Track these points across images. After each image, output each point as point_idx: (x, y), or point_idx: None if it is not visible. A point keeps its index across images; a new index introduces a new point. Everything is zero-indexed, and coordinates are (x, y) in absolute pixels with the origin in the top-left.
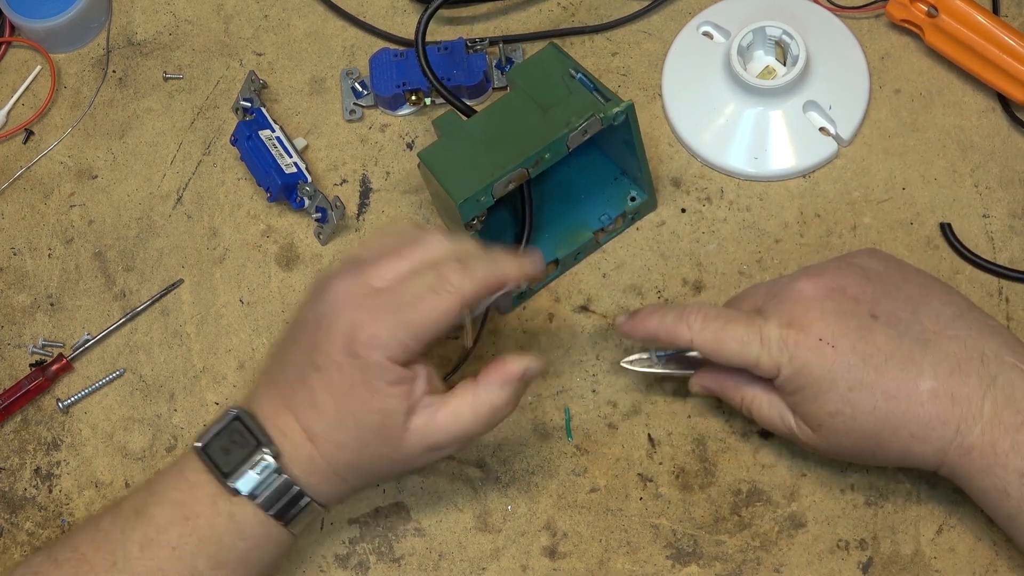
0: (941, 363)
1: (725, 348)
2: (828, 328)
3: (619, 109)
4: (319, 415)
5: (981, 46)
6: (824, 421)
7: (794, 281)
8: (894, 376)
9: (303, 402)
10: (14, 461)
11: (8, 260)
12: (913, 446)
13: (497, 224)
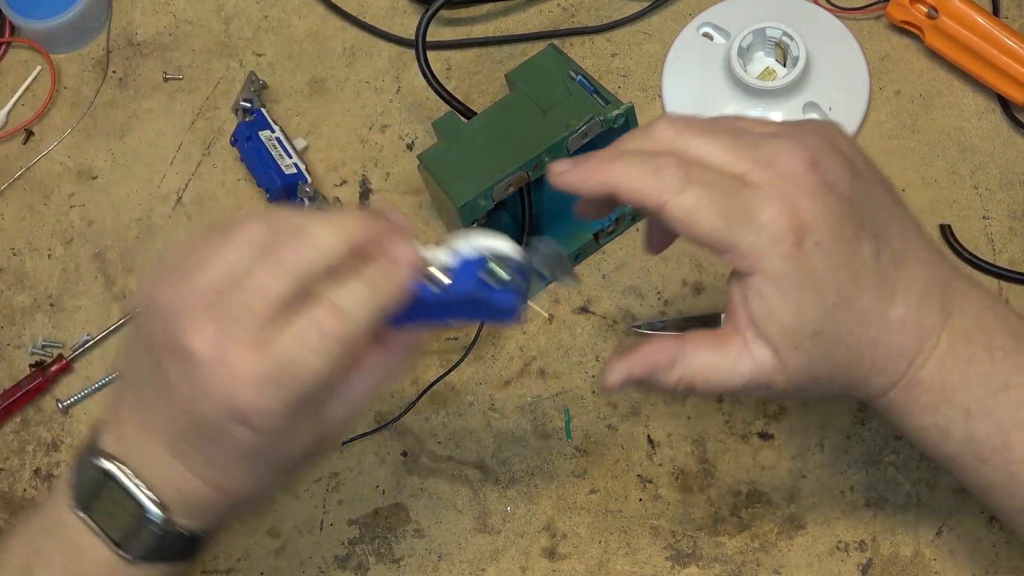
0: (911, 287)
1: (704, 221)
2: (827, 232)
3: (619, 111)
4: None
5: (981, 47)
6: (801, 342)
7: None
8: (871, 298)
9: (203, 465)
10: (14, 462)
11: (8, 260)
12: (870, 377)
13: (497, 226)
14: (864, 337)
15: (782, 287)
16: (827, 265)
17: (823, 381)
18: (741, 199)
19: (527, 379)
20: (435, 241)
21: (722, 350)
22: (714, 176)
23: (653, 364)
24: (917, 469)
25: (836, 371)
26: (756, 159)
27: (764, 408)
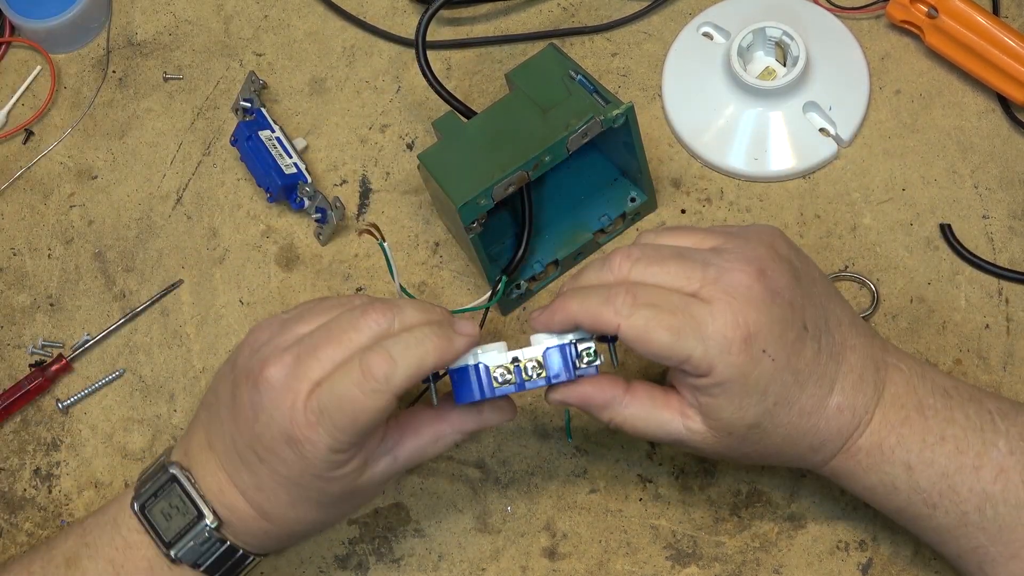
0: (847, 376)
1: (655, 338)
2: (772, 339)
3: (619, 111)
4: (271, 499)
5: (981, 47)
6: (736, 430)
7: (731, 269)
8: (812, 393)
9: (250, 485)
10: (14, 461)
11: (8, 260)
12: (807, 455)
13: (497, 226)
14: (802, 426)
15: (727, 389)
16: (772, 369)
17: (754, 457)
18: (689, 314)
19: None
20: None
21: (658, 408)
22: (663, 298)
23: (589, 400)
24: None
25: (768, 452)
26: (705, 278)
27: None
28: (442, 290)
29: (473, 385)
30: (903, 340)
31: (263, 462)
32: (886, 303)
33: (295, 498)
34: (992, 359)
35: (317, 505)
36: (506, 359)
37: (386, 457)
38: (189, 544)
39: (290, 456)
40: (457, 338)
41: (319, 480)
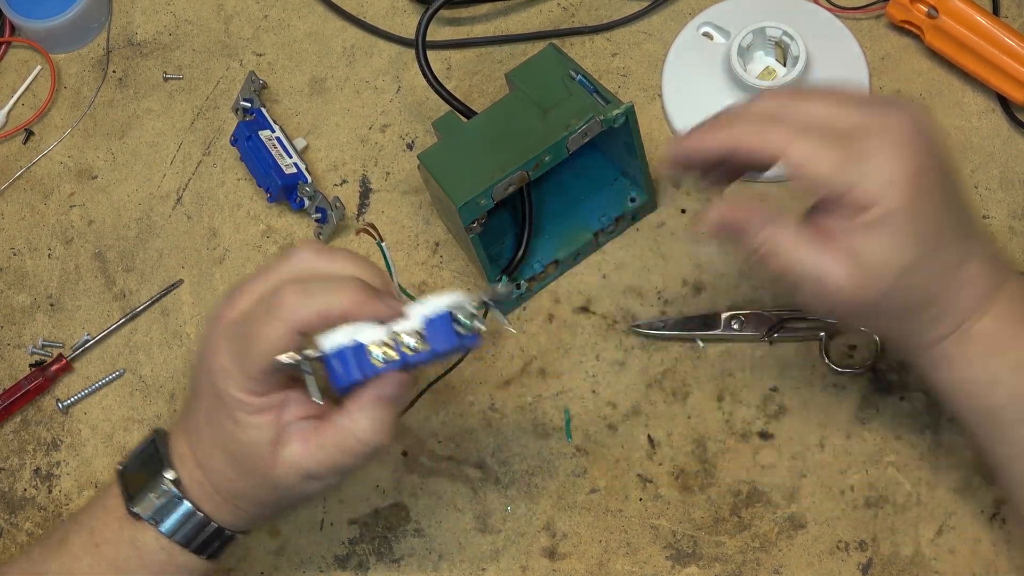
0: (981, 249)
1: (824, 163)
2: (933, 180)
3: (619, 111)
4: (199, 441)
5: (981, 47)
6: (883, 277)
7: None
8: (953, 251)
9: (192, 426)
10: (14, 461)
11: (8, 260)
12: (926, 326)
13: (497, 225)
14: (934, 289)
15: (888, 224)
16: (931, 212)
17: (884, 315)
18: (856, 144)
19: (527, 379)
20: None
21: (808, 242)
22: (827, 126)
23: (751, 216)
24: (917, 469)
25: (902, 310)
26: (865, 113)
27: (764, 408)
28: (442, 290)
29: (351, 366)
30: None
31: (198, 398)
32: None
33: (215, 443)
34: None
35: (232, 459)
36: (383, 334)
37: (297, 442)
38: (148, 497)
39: (211, 393)
40: (377, 303)
41: (231, 422)
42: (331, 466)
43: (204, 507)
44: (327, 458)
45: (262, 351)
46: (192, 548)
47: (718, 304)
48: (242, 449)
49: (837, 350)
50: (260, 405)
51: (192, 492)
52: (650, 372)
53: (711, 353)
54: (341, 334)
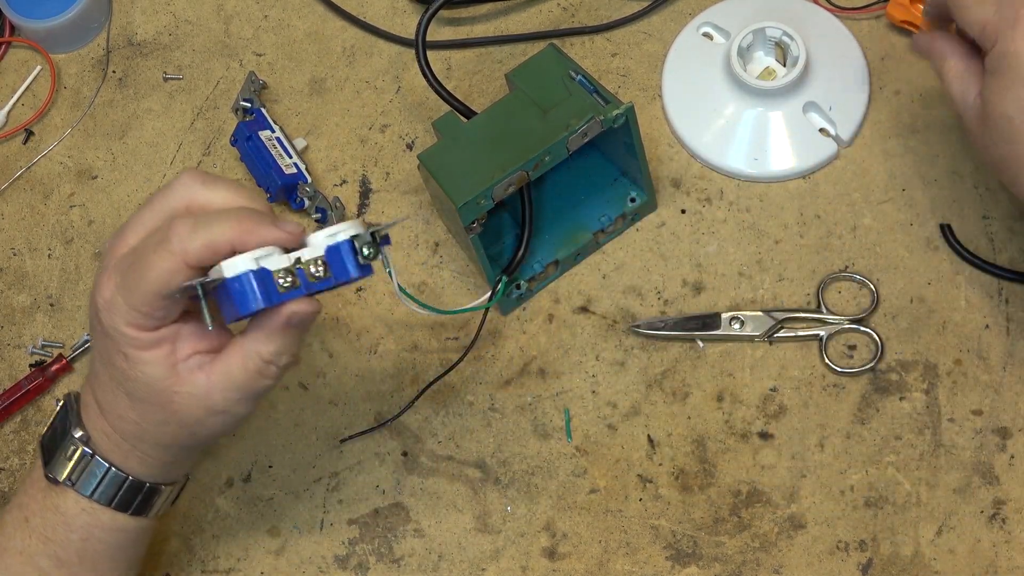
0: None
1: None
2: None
3: (619, 111)
4: (99, 384)
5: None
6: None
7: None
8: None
9: (93, 372)
10: (14, 461)
11: (8, 260)
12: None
13: (497, 226)
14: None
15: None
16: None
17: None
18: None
19: (527, 379)
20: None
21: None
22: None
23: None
24: (917, 469)
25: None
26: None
27: (764, 408)
28: (442, 290)
29: (256, 292)
30: (903, 340)
31: (94, 338)
32: (886, 303)
33: (111, 383)
34: (992, 359)
35: (130, 399)
36: (287, 262)
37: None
38: (61, 460)
39: (98, 325)
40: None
41: (122, 359)
42: (238, 391)
43: (113, 459)
44: (232, 383)
45: (151, 282)
46: (114, 506)
47: (718, 304)
48: (138, 387)
49: (837, 350)
50: (150, 340)
51: (100, 445)
52: (650, 372)
53: (711, 353)
54: (242, 261)
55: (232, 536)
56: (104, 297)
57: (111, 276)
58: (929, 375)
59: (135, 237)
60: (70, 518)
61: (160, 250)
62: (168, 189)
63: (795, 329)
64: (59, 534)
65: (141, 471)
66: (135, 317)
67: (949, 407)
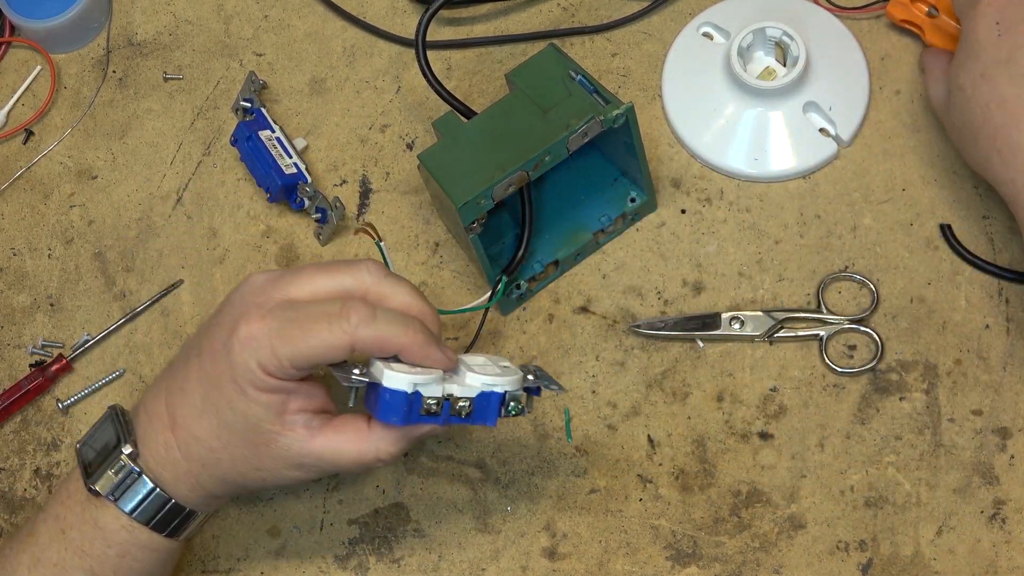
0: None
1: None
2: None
3: (619, 111)
4: (184, 399)
5: None
6: (954, 91)
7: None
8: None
9: (177, 384)
10: (14, 461)
11: (8, 260)
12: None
13: (497, 225)
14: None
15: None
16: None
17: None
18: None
19: None
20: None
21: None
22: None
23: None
24: (917, 469)
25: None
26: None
27: (764, 408)
28: (442, 290)
29: (402, 411)
30: (903, 340)
31: (200, 355)
32: (886, 303)
33: (206, 404)
34: (992, 359)
35: (223, 427)
36: (439, 392)
37: (302, 430)
38: (106, 474)
39: (221, 353)
40: (436, 350)
41: (236, 391)
42: (334, 465)
43: (164, 476)
44: (336, 456)
45: (312, 347)
46: (152, 526)
47: (718, 304)
48: (239, 421)
49: (837, 350)
50: (271, 386)
51: (153, 459)
52: (650, 372)
53: (711, 353)
54: (402, 378)
55: (232, 536)
56: (250, 332)
57: (266, 318)
58: (929, 375)
59: (300, 292)
60: (109, 533)
61: (334, 324)
62: (350, 268)
63: (795, 329)
64: (96, 548)
65: (186, 494)
66: (274, 365)
67: (949, 407)
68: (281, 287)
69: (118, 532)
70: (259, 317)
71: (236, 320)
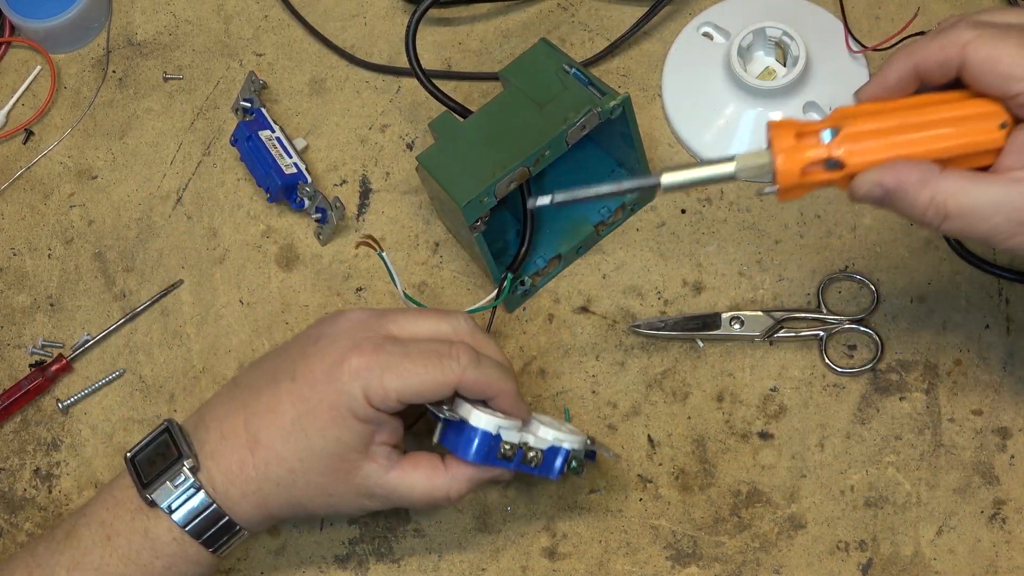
0: None
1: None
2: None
3: (616, 102)
4: (273, 421)
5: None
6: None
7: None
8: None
9: (263, 406)
10: (14, 461)
11: (8, 260)
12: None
13: (498, 223)
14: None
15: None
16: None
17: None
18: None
19: (527, 379)
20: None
21: (984, 182)
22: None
23: (903, 179)
24: (917, 469)
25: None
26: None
27: (764, 408)
28: (442, 290)
29: (481, 450)
30: (903, 340)
31: (295, 380)
32: (886, 303)
33: (296, 428)
34: (992, 359)
35: (307, 448)
36: (517, 439)
37: (383, 460)
38: (164, 485)
39: (323, 380)
40: (522, 402)
41: (332, 416)
42: (402, 499)
43: (231, 492)
44: (407, 492)
45: (420, 383)
46: (202, 540)
47: (718, 304)
48: (327, 447)
49: (837, 350)
50: (368, 415)
51: (217, 477)
52: (650, 372)
53: (711, 353)
54: (489, 420)
55: None
56: (362, 363)
57: (379, 351)
58: (929, 375)
59: (402, 332)
60: (159, 545)
61: (444, 363)
62: (448, 316)
63: (795, 329)
64: (144, 558)
65: (249, 512)
66: (380, 395)
67: (949, 407)
68: (384, 324)
69: (168, 544)
70: (372, 350)
71: (345, 351)
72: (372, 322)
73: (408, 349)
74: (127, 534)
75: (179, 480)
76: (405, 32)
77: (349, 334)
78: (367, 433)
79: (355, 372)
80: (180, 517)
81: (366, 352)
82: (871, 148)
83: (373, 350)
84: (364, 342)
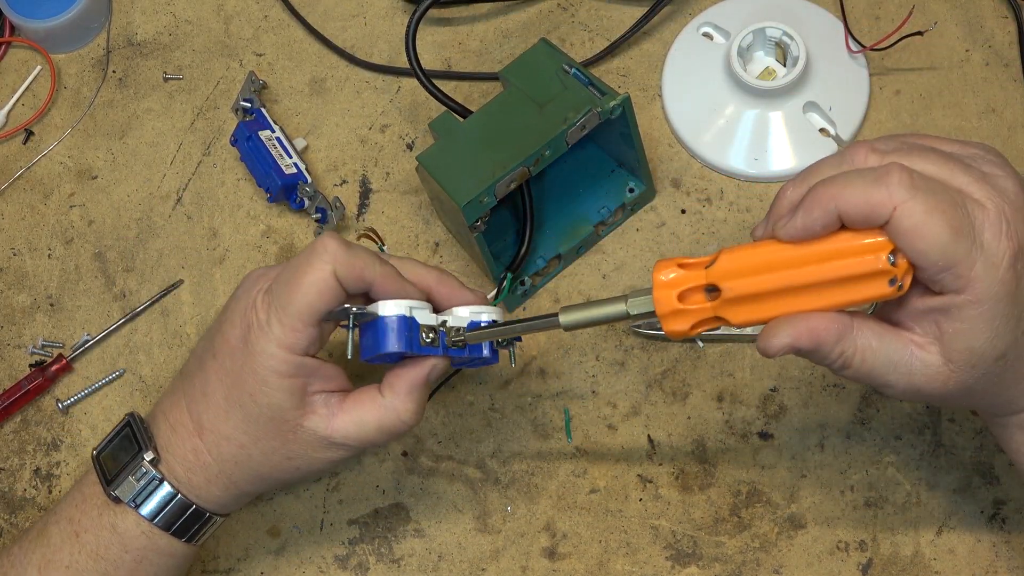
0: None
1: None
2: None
3: (616, 102)
4: (208, 403)
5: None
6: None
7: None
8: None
9: (197, 390)
10: (14, 461)
11: (8, 260)
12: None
13: (498, 223)
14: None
15: (986, 310)
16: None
17: (976, 396)
18: (967, 212)
19: (527, 379)
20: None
21: (888, 341)
22: (938, 185)
23: (820, 335)
24: (917, 469)
25: (994, 391)
26: (972, 175)
27: (764, 408)
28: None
29: (402, 336)
30: None
31: (216, 356)
32: None
33: (230, 403)
34: None
35: (249, 422)
36: (434, 320)
37: (322, 409)
38: (127, 480)
39: (240, 348)
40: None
41: (257, 383)
42: (362, 440)
43: (195, 481)
44: (361, 430)
45: (305, 294)
46: (172, 531)
47: None
48: (263, 412)
49: None
50: (291, 368)
51: (177, 468)
52: (650, 372)
53: (711, 353)
54: (396, 305)
55: (232, 536)
56: (259, 318)
57: (265, 299)
58: None
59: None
60: (128, 539)
61: (312, 261)
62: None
63: None
64: (113, 553)
65: (219, 495)
66: (287, 336)
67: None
68: (270, 271)
69: (137, 537)
70: (262, 302)
71: (245, 312)
72: (262, 277)
73: (284, 273)
74: (95, 530)
75: (140, 474)
76: (405, 32)
77: (247, 295)
78: (298, 387)
79: (259, 330)
80: (148, 511)
81: (260, 306)
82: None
83: (262, 301)
84: (257, 295)
